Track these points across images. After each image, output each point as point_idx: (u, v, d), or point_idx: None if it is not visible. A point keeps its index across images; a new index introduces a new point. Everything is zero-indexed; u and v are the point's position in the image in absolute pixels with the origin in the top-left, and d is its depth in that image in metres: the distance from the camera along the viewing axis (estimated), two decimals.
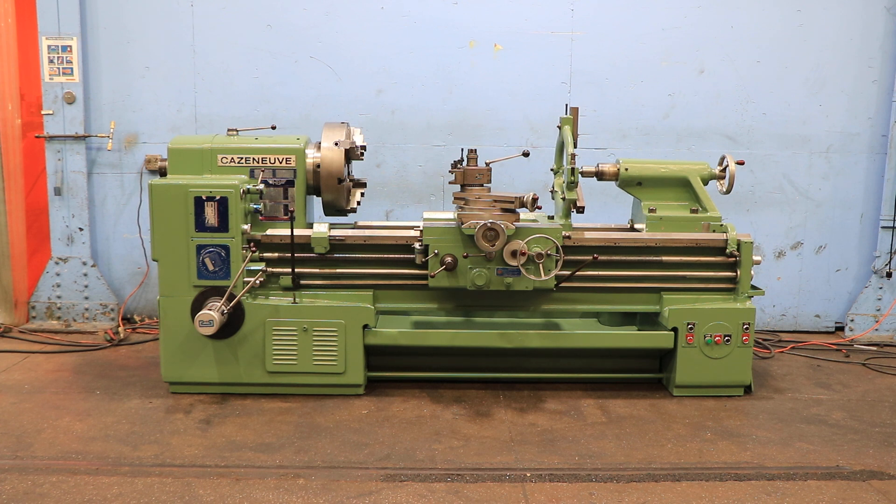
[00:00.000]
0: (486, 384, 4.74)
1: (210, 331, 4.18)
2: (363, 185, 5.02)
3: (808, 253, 6.18)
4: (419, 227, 4.51)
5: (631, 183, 4.77)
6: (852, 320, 6.10)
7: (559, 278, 4.47)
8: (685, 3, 5.90)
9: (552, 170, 5.07)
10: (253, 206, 4.44)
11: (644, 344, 4.65)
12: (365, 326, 4.48)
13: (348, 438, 3.93)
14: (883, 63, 5.95)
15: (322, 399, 4.45)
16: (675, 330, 4.55)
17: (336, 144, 4.57)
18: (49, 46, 5.72)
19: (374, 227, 4.97)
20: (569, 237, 4.52)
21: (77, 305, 5.97)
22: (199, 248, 4.34)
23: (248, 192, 4.37)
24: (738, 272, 4.61)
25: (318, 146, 4.61)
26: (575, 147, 4.54)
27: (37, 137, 5.81)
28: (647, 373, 4.83)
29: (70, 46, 5.73)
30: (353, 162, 5.03)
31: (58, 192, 5.85)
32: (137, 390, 4.58)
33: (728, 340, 4.55)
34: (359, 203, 4.89)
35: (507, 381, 4.77)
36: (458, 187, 4.54)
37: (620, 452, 3.84)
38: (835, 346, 5.81)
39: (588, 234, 4.62)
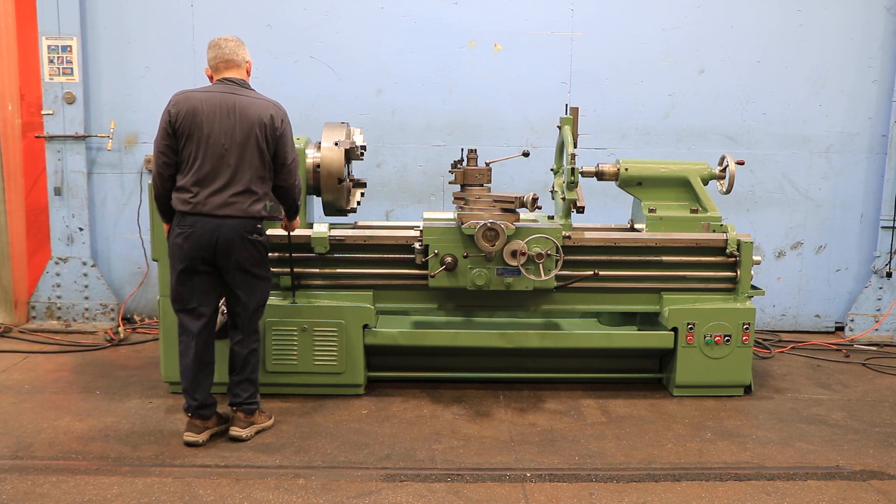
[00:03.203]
0: (486, 384, 4.74)
1: None
2: (363, 185, 5.01)
3: (808, 253, 6.18)
4: (419, 227, 4.51)
5: (631, 183, 4.77)
6: (852, 320, 6.10)
7: (559, 279, 4.47)
8: (685, 3, 5.90)
9: (552, 170, 5.07)
10: None
11: (644, 344, 4.65)
12: (365, 326, 4.47)
13: (348, 438, 3.93)
14: (883, 63, 5.95)
15: (322, 399, 4.45)
16: (675, 330, 4.55)
17: (336, 144, 4.57)
18: (49, 46, 5.72)
19: (374, 227, 4.97)
20: (569, 237, 4.52)
21: (77, 305, 5.97)
22: None
23: None
24: (738, 272, 4.61)
25: (318, 146, 4.61)
26: (575, 147, 4.54)
27: (37, 137, 5.81)
28: (647, 373, 4.83)
29: (70, 46, 5.73)
30: (353, 162, 5.03)
31: (58, 192, 5.85)
32: (137, 390, 4.58)
33: (728, 340, 4.55)
34: (359, 203, 4.89)
35: (507, 381, 4.77)
36: (458, 187, 4.54)
37: (620, 452, 3.84)
38: (835, 346, 5.81)
39: (588, 234, 4.62)
